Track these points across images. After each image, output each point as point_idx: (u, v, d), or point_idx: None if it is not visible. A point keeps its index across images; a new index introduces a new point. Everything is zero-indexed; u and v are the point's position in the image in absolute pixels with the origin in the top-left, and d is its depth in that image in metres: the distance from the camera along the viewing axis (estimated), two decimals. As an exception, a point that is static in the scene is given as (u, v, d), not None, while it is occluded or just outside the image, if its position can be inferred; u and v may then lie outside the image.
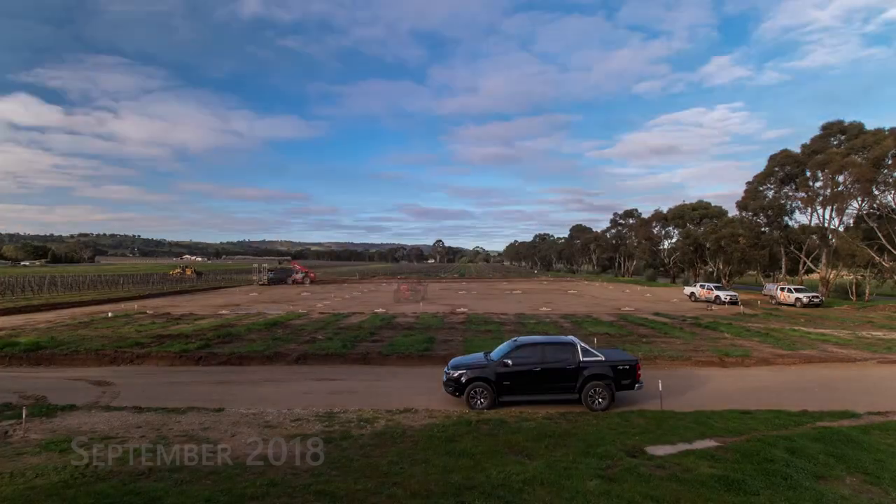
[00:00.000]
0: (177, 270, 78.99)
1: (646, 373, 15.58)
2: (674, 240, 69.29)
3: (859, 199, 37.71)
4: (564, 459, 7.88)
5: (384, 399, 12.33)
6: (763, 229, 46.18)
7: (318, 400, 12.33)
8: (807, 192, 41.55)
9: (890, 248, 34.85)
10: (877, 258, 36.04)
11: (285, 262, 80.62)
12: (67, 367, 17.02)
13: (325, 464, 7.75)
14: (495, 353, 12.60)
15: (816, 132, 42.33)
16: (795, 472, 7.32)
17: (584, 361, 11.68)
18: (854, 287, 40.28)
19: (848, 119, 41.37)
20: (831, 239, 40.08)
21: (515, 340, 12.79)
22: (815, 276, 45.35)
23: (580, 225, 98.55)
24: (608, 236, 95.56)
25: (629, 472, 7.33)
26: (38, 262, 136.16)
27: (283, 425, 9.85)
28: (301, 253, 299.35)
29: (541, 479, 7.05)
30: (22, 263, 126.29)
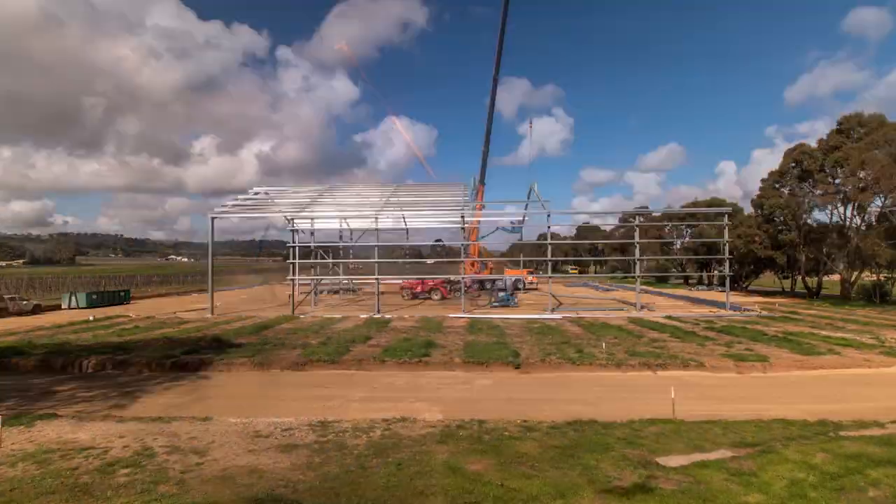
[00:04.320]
0: None
1: (657, 378, 15.63)
2: (686, 239, 69.31)
3: (882, 196, 37.72)
4: (571, 472, 7.87)
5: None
6: (780, 228, 46.20)
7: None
8: (825, 190, 41.57)
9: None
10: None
11: None
12: (46, 373, 17.01)
13: (318, 477, 7.75)
14: None
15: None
16: (812, 486, 7.31)
17: None
18: (878, 289, 40.28)
19: (868, 111, 41.43)
20: (852, 238, 40.08)
21: None
22: (836, 277, 45.37)
23: (587, 224, 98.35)
24: (617, 235, 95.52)
25: (640, 486, 7.32)
26: (15, 263, 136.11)
27: (273, 435, 9.85)
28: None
29: (546, 495, 7.04)
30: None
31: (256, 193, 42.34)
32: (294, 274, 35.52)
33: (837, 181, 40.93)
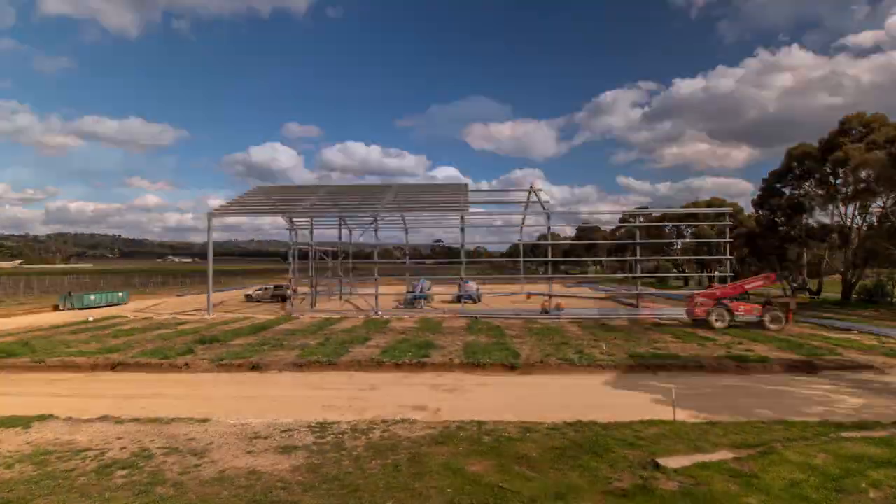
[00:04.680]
0: None
1: (658, 379, 15.63)
2: (687, 239, 69.39)
3: (883, 196, 37.78)
4: (571, 474, 7.88)
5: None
6: (781, 228, 46.28)
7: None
8: (826, 190, 41.64)
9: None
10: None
11: None
12: (43, 374, 16.98)
13: (316, 479, 7.75)
14: None
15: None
16: (813, 487, 7.32)
17: None
18: (879, 289, 40.36)
19: (870, 111, 41.50)
20: (853, 238, 40.14)
21: None
22: (836, 277, 45.40)
23: (587, 224, 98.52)
24: (617, 235, 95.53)
25: (640, 487, 7.33)
26: (12, 264, 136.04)
27: (272, 436, 9.85)
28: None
29: (546, 497, 7.04)
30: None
31: (255, 193, 42.35)
32: (293, 275, 35.54)
33: (839, 181, 40.99)
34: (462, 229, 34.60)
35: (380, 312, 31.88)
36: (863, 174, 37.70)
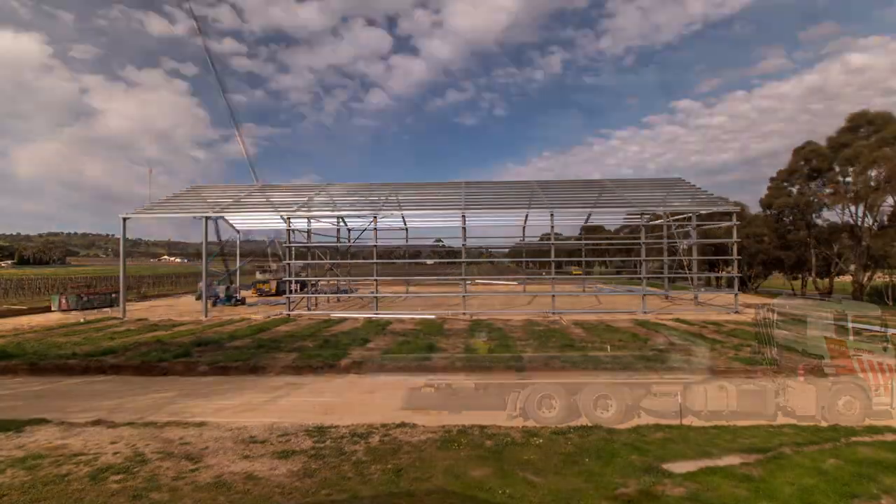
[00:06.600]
0: None
1: (664, 382, 15.60)
2: (693, 240, 69.35)
3: (895, 194, 37.77)
4: (575, 479, 7.87)
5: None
6: (789, 228, 46.26)
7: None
8: (835, 189, 41.62)
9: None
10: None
11: None
12: (35, 376, 17.00)
13: (315, 484, 7.74)
14: None
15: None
16: (823, 493, 7.30)
17: None
18: (891, 291, 40.34)
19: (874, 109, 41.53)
20: (863, 238, 40.14)
21: None
22: (846, 278, 45.42)
23: (590, 224, 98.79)
24: (621, 236, 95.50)
25: (646, 493, 7.31)
26: (4, 264, 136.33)
27: (269, 441, 9.85)
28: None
29: (550, 502, 7.04)
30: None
31: (251, 191, 42.34)
32: (290, 275, 35.52)
33: (848, 180, 40.99)
34: (463, 228, 34.59)
35: (379, 313, 31.88)
36: (873, 172, 37.72)
